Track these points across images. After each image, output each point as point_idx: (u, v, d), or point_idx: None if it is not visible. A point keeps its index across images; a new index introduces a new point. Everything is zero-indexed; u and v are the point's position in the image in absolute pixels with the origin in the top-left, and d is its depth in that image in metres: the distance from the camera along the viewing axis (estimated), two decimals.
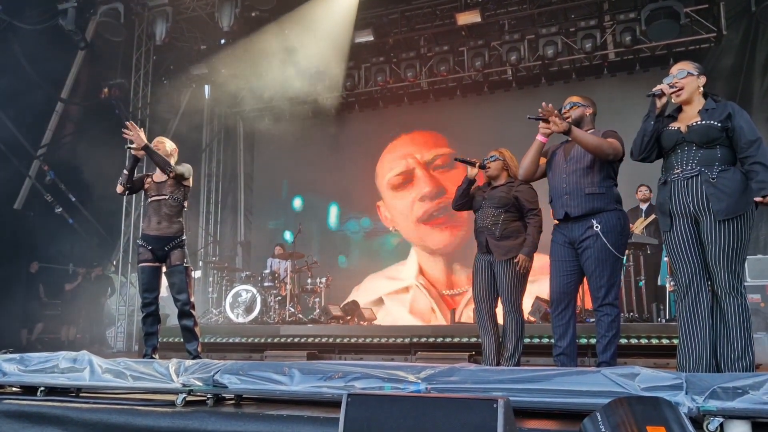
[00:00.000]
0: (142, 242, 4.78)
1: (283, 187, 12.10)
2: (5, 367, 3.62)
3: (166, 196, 4.77)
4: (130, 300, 10.20)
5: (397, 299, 10.66)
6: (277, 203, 12.07)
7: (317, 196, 11.66)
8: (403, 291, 10.69)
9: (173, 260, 4.75)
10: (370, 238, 11.25)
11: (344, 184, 11.35)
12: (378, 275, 10.94)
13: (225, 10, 9.01)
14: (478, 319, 4.43)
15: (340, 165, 11.39)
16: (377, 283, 10.89)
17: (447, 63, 10.22)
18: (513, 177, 4.43)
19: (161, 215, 4.76)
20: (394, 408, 1.96)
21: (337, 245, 11.40)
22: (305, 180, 11.70)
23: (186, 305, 4.72)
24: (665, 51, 9.35)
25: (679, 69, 3.28)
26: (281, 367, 2.86)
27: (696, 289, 3.15)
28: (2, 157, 9.50)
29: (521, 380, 2.38)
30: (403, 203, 11.04)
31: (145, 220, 4.83)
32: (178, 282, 4.73)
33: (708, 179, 3.08)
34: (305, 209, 11.74)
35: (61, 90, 10.35)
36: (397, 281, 10.78)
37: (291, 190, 11.99)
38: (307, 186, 11.74)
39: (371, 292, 10.78)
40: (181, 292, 4.72)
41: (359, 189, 11.31)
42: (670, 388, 2.12)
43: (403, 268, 10.86)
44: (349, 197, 11.43)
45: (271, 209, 12.17)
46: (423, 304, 10.49)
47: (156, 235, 4.73)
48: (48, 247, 9.95)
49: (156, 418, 2.66)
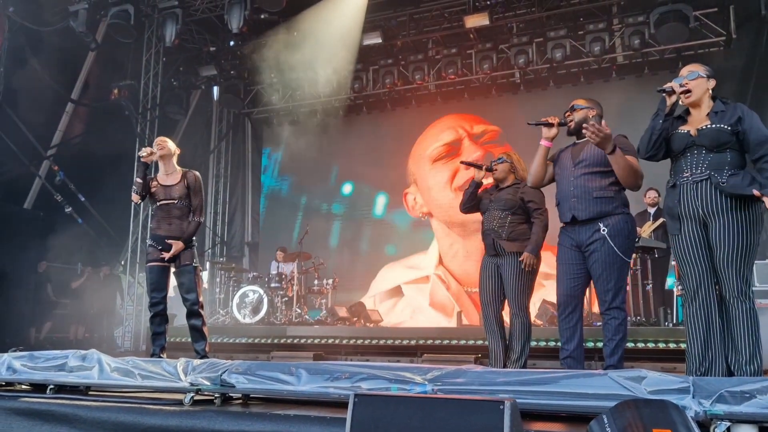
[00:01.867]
0: (152, 242, 4.78)
1: (290, 188, 12.15)
2: (15, 365, 3.65)
3: (175, 200, 4.80)
4: (137, 300, 10.24)
5: (417, 289, 10.56)
6: (285, 203, 12.11)
7: (323, 196, 11.68)
8: (422, 280, 10.58)
9: (183, 260, 4.76)
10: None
11: (351, 184, 11.38)
12: (396, 264, 10.86)
13: (234, 12, 9.05)
14: (484, 321, 4.43)
15: (350, 165, 11.41)
16: (395, 272, 10.79)
17: (455, 66, 10.23)
18: (520, 179, 4.44)
19: (171, 217, 4.77)
20: (401, 409, 1.97)
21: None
22: (312, 180, 11.74)
23: (195, 305, 4.73)
24: (674, 54, 9.32)
25: (690, 71, 3.27)
26: (288, 367, 2.87)
27: (704, 293, 3.14)
28: (13, 157, 9.59)
29: (528, 382, 2.38)
30: (442, 175, 10.77)
31: (154, 221, 4.83)
32: (187, 282, 4.75)
33: (718, 183, 3.07)
34: (310, 209, 11.76)
35: (71, 91, 10.44)
36: (416, 270, 10.66)
37: (297, 190, 12.02)
38: (314, 185, 11.77)
39: (389, 281, 10.70)
40: (190, 292, 4.73)
41: (367, 188, 11.33)
42: (677, 392, 2.12)
43: (424, 257, 10.75)
44: (357, 197, 11.45)
45: (279, 209, 12.21)
46: (442, 296, 10.38)
47: (167, 236, 4.74)
48: (57, 247, 10.02)
49: (164, 417, 2.68)
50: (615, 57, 9.74)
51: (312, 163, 11.66)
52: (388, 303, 10.63)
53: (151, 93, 10.69)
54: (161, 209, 4.79)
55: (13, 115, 9.45)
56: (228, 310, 9.20)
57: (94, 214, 10.68)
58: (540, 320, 7.09)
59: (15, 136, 9.55)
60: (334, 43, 9.90)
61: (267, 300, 8.60)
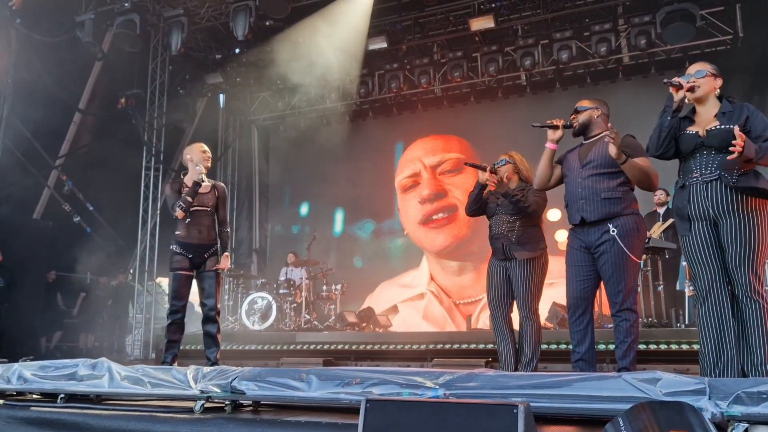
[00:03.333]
0: (180, 250, 4.78)
1: (295, 194, 12.16)
2: (26, 375, 3.65)
3: (208, 208, 4.84)
4: (146, 308, 10.26)
5: (413, 306, 10.64)
6: (291, 210, 12.12)
7: (326, 203, 11.68)
8: (417, 298, 10.68)
9: (208, 266, 4.80)
10: (378, 239, 11.28)
11: (358, 190, 11.37)
12: (390, 283, 10.93)
13: (239, 20, 9.07)
14: (493, 325, 4.40)
15: (354, 171, 11.41)
16: (391, 291, 10.88)
17: (461, 69, 10.22)
18: (525, 180, 4.40)
19: (203, 225, 4.81)
20: (414, 414, 1.96)
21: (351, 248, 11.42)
22: (318, 186, 11.74)
23: (212, 311, 4.76)
24: (681, 54, 9.28)
25: (698, 69, 3.25)
26: (299, 373, 2.86)
27: (716, 293, 3.12)
28: (21, 167, 9.65)
29: (541, 385, 2.36)
30: (411, 205, 11.10)
31: (182, 229, 4.80)
32: (208, 287, 4.78)
33: (729, 183, 3.05)
34: (315, 215, 11.77)
35: (78, 101, 10.50)
36: (410, 288, 10.78)
37: (303, 197, 12.02)
38: (318, 192, 11.77)
39: (386, 299, 10.77)
40: (210, 297, 4.77)
41: (374, 194, 11.32)
42: (692, 393, 2.08)
43: (416, 274, 10.84)
44: (363, 202, 11.44)
45: (285, 216, 12.22)
46: (437, 312, 10.46)
47: (197, 243, 4.77)
48: (66, 256, 10.07)
49: (175, 425, 2.66)
50: (621, 58, 9.70)
51: (318, 168, 11.68)
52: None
53: (157, 101, 10.73)
54: (192, 215, 4.79)
55: (22, 125, 9.51)
56: (237, 316, 9.21)
57: (102, 223, 10.72)
58: (550, 323, 7.05)
59: (24, 147, 9.61)
60: (340, 48, 9.92)
61: (276, 306, 8.60)
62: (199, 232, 4.78)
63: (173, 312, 4.76)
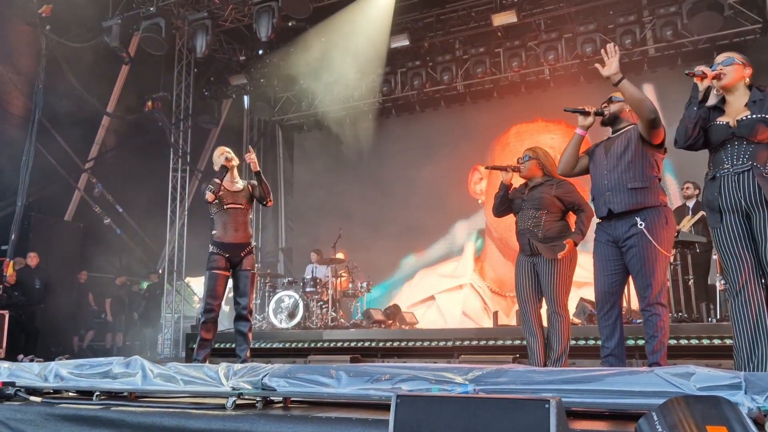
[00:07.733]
0: (217, 250, 4.86)
1: (320, 192, 12.20)
2: (62, 373, 3.74)
3: (242, 205, 4.93)
4: (176, 308, 10.41)
5: (450, 298, 10.52)
6: (316, 208, 12.17)
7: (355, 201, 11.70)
8: (456, 289, 10.56)
9: (244, 265, 4.91)
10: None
11: (382, 187, 11.37)
12: (429, 271, 10.83)
13: (262, 21, 9.14)
14: (522, 321, 4.37)
15: (379, 169, 11.42)
16: (430, 280, 10.77)
17: (483, 65, 10.17)
18: (549, 174, 4.37)
19: (238, 223, 4.91)
20: (444, 409, 1.96)
21: None
22: (344, 185, 11.77)
23: (245, 309, 4.84)
24: (708, 44, 9.10)
25: (725, 57, 3.19)
26: (328, 369, 2.88)
27: (750, 286, 3.06)
28: (53, 171, 9.87)
29: (571, 381, 2.34)
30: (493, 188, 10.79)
31: (220, 227, 4.88)
32: (243, 286, 4.88)
33: (761, 173, 2.99)
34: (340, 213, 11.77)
35: (106, 104, 10.70)
36: (451, 278, 10.63)
37: (329, 196, 12.06)
38: (345, 191, 11.80)
39: (423, 289, 10.69)
40: (244, 296, 4.86)
41: (399, 193, 11.32)
42: (727, 388, 2.05)
43: (457, 265, 10.71)
44: (388, 201, 11.44)
45: (311, 214, 12.27)
46: (476, 304, 10.31)
47: (234, 242, 4.87)
48: (97, 257, 10.26)
49: (207, 421, 2.70)
50: (647, 50, 9.56)
51: (342, 167, 11.71)
52: (419, 309, 10.60)
53: (183, 104, 10.88)
54: (227, 213, 4.88)
55: (52, 130, 9.72)
56: (264, 315, 9.28)
57: (131, 224, 10.91)
58: (578, 319, 6.98)
59: (54, 151, 9.83)
60: (362, 47, 9.94)
61: (303, 304, 8.65)
62: (235, 230, 4.87)
63: (207, 311, 4.82)
